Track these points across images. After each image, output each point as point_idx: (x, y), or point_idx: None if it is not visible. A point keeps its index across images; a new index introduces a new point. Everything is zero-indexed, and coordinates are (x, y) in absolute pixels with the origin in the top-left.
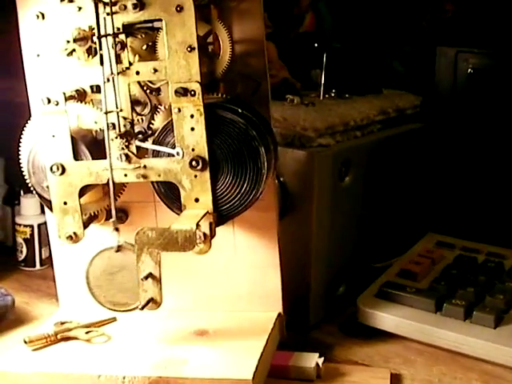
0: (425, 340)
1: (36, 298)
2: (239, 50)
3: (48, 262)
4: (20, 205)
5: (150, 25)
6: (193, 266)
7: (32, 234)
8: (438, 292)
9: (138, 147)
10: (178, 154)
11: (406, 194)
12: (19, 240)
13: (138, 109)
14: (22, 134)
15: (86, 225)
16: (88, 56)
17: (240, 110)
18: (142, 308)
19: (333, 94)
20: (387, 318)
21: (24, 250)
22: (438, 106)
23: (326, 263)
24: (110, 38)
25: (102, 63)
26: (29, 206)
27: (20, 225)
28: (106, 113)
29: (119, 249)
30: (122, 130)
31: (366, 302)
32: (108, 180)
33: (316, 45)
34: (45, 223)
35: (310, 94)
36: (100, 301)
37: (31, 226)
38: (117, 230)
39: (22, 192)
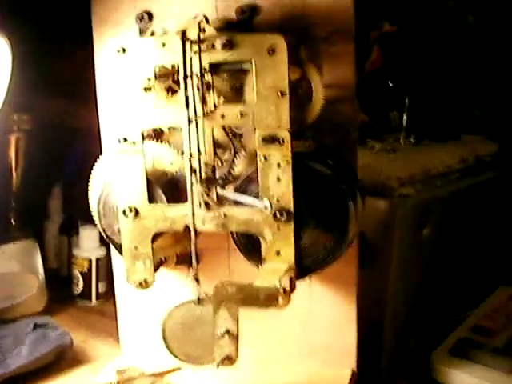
0: None
1: (93, 337)
2: (329, 96)
3: (104, 296)
4: (78, 236)
5: (238, 66)
6: (265, 317)
7: (90, 268)
8: None
9: (218, 194)
10: (265, 208)
11: (479, 245)
12: (76, 273)
13: (218, 152)
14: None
15: (154, 269)
16: (167, 94)
17: (330, 162)
18: (218, 366)
19: (412, 140)
20: (462, 377)
21: (80, 283)
22: None
23: (400, 315)
24: (196, 78)
25: (187, 105)
26: (88, 238)
27: (77, 257)
28: (190, 158)
29: (199, 302)
30: (203, 176)
31: (440, 359)
32: (186, 227)
33: (391, 84)
34: (104, 257)
35: (389, 138)
36: (175, 353)
37: (89, 260)
38: (197, 281)
39: (79, 222)
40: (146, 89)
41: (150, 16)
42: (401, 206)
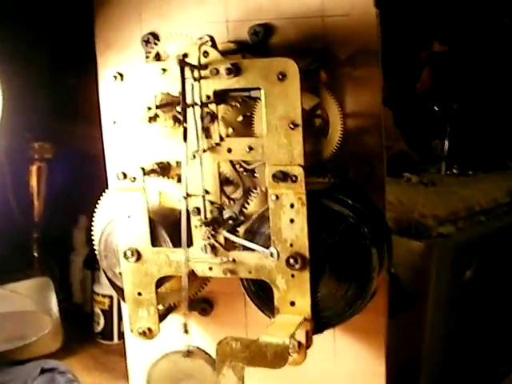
0: None
1: (110, 380)
2: (351, 126)
3: None
4: (100, 271)
5: (247, 93)
6: (285, 372)
7: (111, 306)
8: None
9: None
10: (271, 255)
11: None
12: (97, 310)
13: (229, 189)
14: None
15: (162, 316)
16: (174, 124)
17: (350, 202)
18: None
19: (455, 171)
20: None
21: (101, 321)
22: None
23: (436, 367)
24: (198, 108)
25: (185, 139)
26: None
27: (98, 294)
28: (186, 197)
29: (188, 354)
30: (209, 216)
31: None
32: (189, 272)
33: (436, 108)
34: None
35: (430, 169)
36: None
37: (110, 297)
38: (186, 332)
39: None
40: (149, 119)
41: (157, 38)
42: (438, 248)
